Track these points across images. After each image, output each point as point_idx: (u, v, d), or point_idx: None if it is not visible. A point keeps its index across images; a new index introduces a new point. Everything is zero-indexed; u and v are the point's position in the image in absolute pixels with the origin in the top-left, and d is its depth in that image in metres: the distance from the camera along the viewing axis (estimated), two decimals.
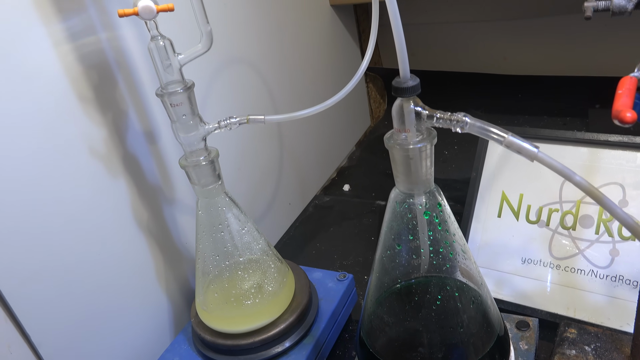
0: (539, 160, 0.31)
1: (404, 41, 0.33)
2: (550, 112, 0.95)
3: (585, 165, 0.57)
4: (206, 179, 0.47)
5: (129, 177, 0.51)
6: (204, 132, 0.46)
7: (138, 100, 0.51)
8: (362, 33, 0.99)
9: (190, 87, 0.44)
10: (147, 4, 0.39)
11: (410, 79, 0.34)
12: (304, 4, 0.79)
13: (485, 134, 0.33)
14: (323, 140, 0.88)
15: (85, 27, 0.46)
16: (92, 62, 0.46)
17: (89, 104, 0.46)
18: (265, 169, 0.73)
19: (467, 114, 0.34)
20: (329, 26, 0.88)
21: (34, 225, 0.42)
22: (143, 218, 0.53)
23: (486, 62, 0.99)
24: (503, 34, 0.96)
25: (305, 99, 0.81)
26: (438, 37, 1.01)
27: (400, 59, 0.33)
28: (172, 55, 0.43)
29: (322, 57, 0.86)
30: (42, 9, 0.42)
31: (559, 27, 0.90)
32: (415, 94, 0.34)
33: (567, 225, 0.56)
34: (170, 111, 0.44)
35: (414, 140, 0.35)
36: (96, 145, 0.47)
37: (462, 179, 0.80)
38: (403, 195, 0.37)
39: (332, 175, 0.92)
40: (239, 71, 0.66)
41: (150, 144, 0.53)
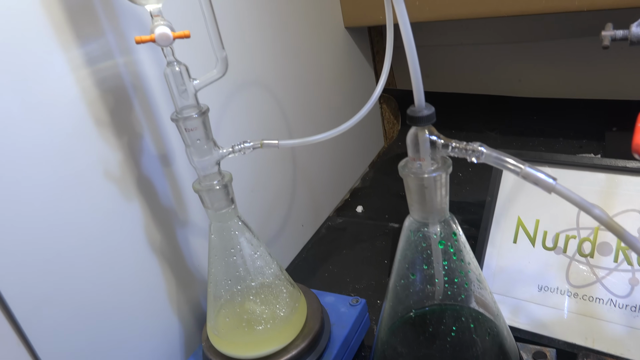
0: (556, 192, 0.30)
1: (419, 70, 0.33)
2: (566, 134, 0.94)
3: (602, 191, 0.56)
4: (219, 203, 0.47)
5: (143, 199, 0.51)
6: (217, 157, 0.46)
7: (153, 124, 0.51)
8: (377, 54, 0.99)
9: (204, 112, 0.44)
10: (164, 31, 0.40)
11: (425, 107, 0.34)
12: (318, 26, 0.80)
13: (501, 164, 0.32)
14: (336, 161, 0.88)
15: (103, 52, 0.46)
16: (109, 86, 0.47)
17: (105, 128, 0.47)
18: (278, 191, 0.73)
19: (482, 144, 0.33)
20: (343, 48, 0.88)
21: (48, 248, 0.43)
22: (156, 240, 0.53)
23: (501, 84, 0.99)
24: (518, 56, 0.95)
25: (319, 121, 0.81)
26: (453, 59, 1.01)
27: (415, 87, 0.33)
28: (188, 81, 0.43)
29: (336, 79, 0.86)
30: (62, 34, 0.43)
31: (575, 49, 0.90)
32: (431, 123, 0.34)
33: (584, 252, 0.55)
34: (185, 136, 0.44)
35: (428, 169, 0.35)
36: (111, 168, 0.48)
37: (477, 201, 0.79)
38: (417, 223, 0.37)
39: (345, 197, 0.92)
40: (253, 94, 0.66)
41: (164, 166, 0.53)
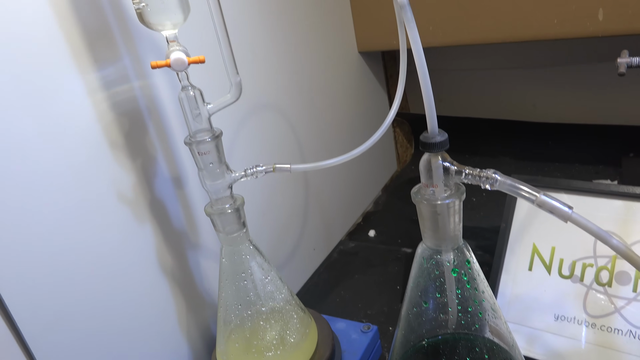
0: (572, 221, 0.30)
1: (432, 97, 0.33)
2: (581, 160, 0.93)
3: (620, 219, 0.55)
4: (231, 226, 0.47)
5: (155, 222, 0.51)
6: (230, 180, 0.46)
7: (167, 147, 0.52)
8: (390, 78, 1.00)
9: (218, 136, 0.44)
10: (179, 57, 0.40)
11: (438, 134, 0.34)
12: (332, 50, 0.81)
13: (516, 192, 0.32)
14: (349, 184, 0.87)
15: (119, 76, 0.47)
16: (124, 109, 0.47)
17: (119, 150, 0.47)
18: (290, 214, 0.73)
19: (497, 171, 0.33)
20: (357, 72, 0.89)
21: (60, 270, 0.43)
22: (167, 263, 0.53)
23: (515, 110, 0.98)
24: (532, 81, 0.95)
25: (332, 144, 0.81)
26: (466, 83, 1.01)
27: (428, 114, 0.33)
28: (202, 105, 0.43)
29: (349, 103, 0.86)
30: (80, 59, 0.43)
31: (590, 75, 0.89)
32: (444, 150, 0.34)
33: (602, 281, 0.54)
34: (198, 159, 0.44)
35: (441, 195, 0.34)
36: (125, 190, 0.48)
37: (491, 227, 0.78)
38: (430, 251, 0.37)
39: (357, 220, 0.92)
40: (266, 117, 0.66)
41: (177, 189, 0.53)
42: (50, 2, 0.41)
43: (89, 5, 0.43)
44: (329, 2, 0.79)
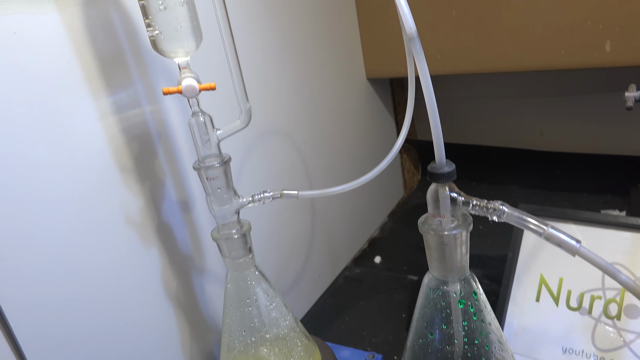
0: (580, 255, 0.29)
1: (440, 128, 0.33)
2: (589, 189, 0.92)
3: (628, 251, 0.54)
4: (237, 252, 0.47)
5: (162, 246, 0.51)
6: (237, 206, 0.46)
7: (175, 171, 0.52)
8: (398, 105, 1.01)
9: (226, 162, 0.44)
10: (191, 84, 0.41)
11: (446, 164, 0.34)
12: (341, 77, 0.81)
13: (523, 224, 0.32)
14: (355, 210, 0.87)
15: (131, 101, 0.48)
16: (134, 133, 0.48)
17: (128, 174, 0.48)
18: (296, 239, 0.73)
19: (504, 203, 0.33)
20: (365, 99, 0.89)
21: (65, 293, 0.43)
22: (172, 287, 0.53)
23: (522, 137, 0.99)
24: (540, 109, 0.96)
25: (339, 170, 0.81)
26: (474, 111, 1.02)
27: (436, 144, 0.33)
28: (211, 131, 0.44)
29: (357, 129, 0.87)
30: (93, 83, 0.44)
31: (598, 104, 0.89)
32: (451, 180, 0.34)
33: (611, 314, 0.53)
34: (206, 184, 0.45)
35: (448, 226, 0.34)
36: (132, 214, 0.48)
37: (497, 255, 0.78)
38: (437, 281, 0.36)
39: (363, 246, 0.91)
40: (274, 143, 0.67)
41: (184, 213, 0.53)
42: (67, 29, 0.41)
43: (104, 33, 0.44)
44: (339, 29, 0.80)
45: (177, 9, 0.39)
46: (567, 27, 0.69)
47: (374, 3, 0.82)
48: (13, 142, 0.39)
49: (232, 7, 0.56)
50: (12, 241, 0.39)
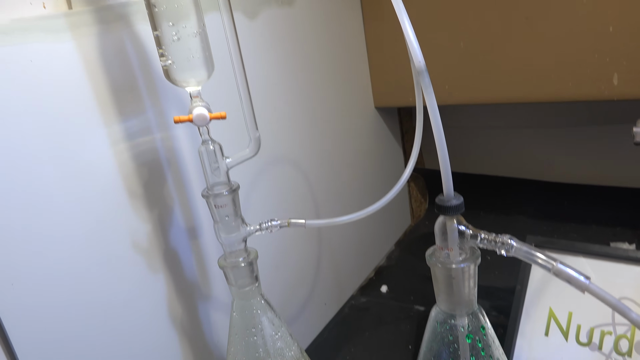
0: (590, 292, 0.29)
1: (448, 160, 0.33)
2: (598, 221, 0.92)
3: (638, 285, 0.54)
4: (243, 280, 0.47)
5: (169, 272, 0.51)
6: (245, 234, 0.46)
7: (184, 198, 0.53)
8: (406, 134, 1.01)
9: (235, 190, 0.45)
10: (202, 112, 0.41)
11: (454, 197, 0.34)
12: (349, 105, 0.82)
13: (532, 259, 0.32)
14: (362, 238, 0.87)
15: (142, 128, 0.48)
16: (144, 160, 0.48)
17: (137, 200, 0.48)
18: (302, 267, 0.73)
19: (512, 237, 0.33)
20: (373, 127, 0.90)
21: (71, 317, 0.43)
22: (177, 314, 0.52)
23: (530, 168, 0.99)
24: (548, 140, 0.96)
25: (347, 199, 0.81)
26: (482, 141, 1.02)
27: (444, 177, 0.33)
28: (221, 159, 0.44)
29: (364, 157, 0.87)
30: (106, 110, 0.45)
31: (607, 136, 0.89)
32: (459, 213, 0.34)
33: (621, 351, 0.52)
34: (214, 212, 0.45)
35: (456, 259, 0.34)
36: (140, 239, 0.48)
37: (506, 287, 0.77)
38: (444, 315, 0.36)
39: (369, 275, 0.91)
40: (282, 171, 0.67)
41: (191, 240, 0.54)
42: (82, 57, 0.42)
43: (118, 61, 0.45)
44: (348, 58, 0.81)
45: (190, 40, 0.40)
46: (574, 60, 0.69)
47: (383, 33, 0.83)
48: (24, 166, 0.39)
49: (243, 37, 0.57)
50: (20, 266, 0.39)
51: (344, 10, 0.78)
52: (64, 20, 0.41)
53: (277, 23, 0.64)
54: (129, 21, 0.46)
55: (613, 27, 0.65)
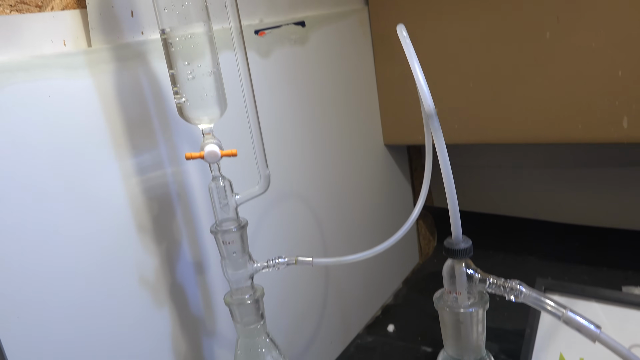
0: (601, 342, 0.29)
1: (457, 203, 0.33)
2: (610, 264, 0.90)
3: None
4: (249, 317, 0.46)
5: (174, 307, 0.51)
6: (252, 271, 0.46)
7: (192, 232, 0.53)
8: (415, 171, 1.01)
9: (243, 227, 0.45)
10: (213, 149, 0.42)
11: (462, 240, 0.34)
12: (359, 142, 0.83)
13: (541, 306, 0.31)
14: (369, 275, 0.86)
15: (154, 163, 0.49)
16: (155, 194, 0.49)
17: (146, 234, 0.48)
18: (308, 304, 0.72)
19: (522, 282, 0.33)
20: (382, 164, 0.90)
21: (76, 351, 0.42)
22: (181, 350, 0.52)
23: (540, 209, 0.98)
24: (558, 181, 0.95)
25: (355, 236, 0.81)
26: (492, 180, 1.02)
27: (452, 220, 0.33)
28: (230, 196, 0.45)
29: (373, 194, 0.87)
30: (119, 145, 0.46)
31: (618, 178, 0.89)
32: (468, 257, 0.34)
33: None
34: (222, 248, 0.45)
35: (465, 303, 0.34)
36: (147, 273, 0.48)
37: (515, 330, 0.75)
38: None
39: (376, 314, 0.89)
40: (290, 207, 0.67)
41: (198, 275, 0.53)
42: (99, 93, 0.43)
43: (133, 97, 0.46)
44: (358, 96, 0.82)
45: (204, 79, 0.41)
46: (584, 102, 0.70)
47: (394, 72, 0.84)
48: (36, 199, 0.40)
49: (256, 74, 0.59)
50: (25, 299, 0.39)
51: (355, 50, 0.80)
52: (83, 58, 0.42)
53: (289, 61, 0.65)
54: (145, 59, 0.47)
55: (622, 72, 0.66)
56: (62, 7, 0.42)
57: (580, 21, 0.66)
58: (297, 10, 0.67)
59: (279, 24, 0.63)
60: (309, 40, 0.68)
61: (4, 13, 0.38)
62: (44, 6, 0.40)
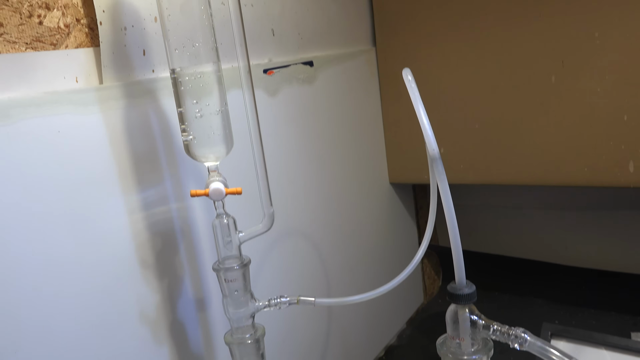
0: None
1: (460, 247, 0.33)
2: (618, 308, 0.89)
3: None
4: (249, 357, 0.46)
5: (173, 344, 0.50)
6: (253, 309, 0.46)
7: (195, 269, 0.52)
8: (420, 209, 1.01)
9: (246, 265, 0.45)
10: (218, 187, 0.42)
11: (466, 285, 0.33)
12: (364, 180, 0.83)
13: (547, 355, 0.31)
14: (372, 315, 0.85)
15: (159, 198, 0.49)
16: (159, 229, 0.49)
17: (148, 269, 0.48)
18: (310, 343, 0.71)
19: (526, 330, 0.32)
20: (387, 202, 0.90)
21: None
22: None
23: (546, 250, 0.97)
24: (565, 223, 0.95)
25: (358, 274, 0.80)
26: (497, 220, 1.01)
27: (456, 264, 0.33)
28: (234, 233, 0.44)
29: (378, 232, 0.87)
30: (125, 180, 0.46)
31: (627, 221, 0.88)
32: (472, 302, 0.33)
33: None
34: (224, 286, 0.45)
35: (468, 350, 0.33)
36: (148, 309, 0.48)
37: None
38: None
39: (379, 354, 0.88)
40: (294, 245, 0.67)
41: (199, 312, 0.53)
42: (107, 129, 0.44)
43: (141, 133, 0.47)
44: (364, 134, 0.82)
45: (212, 118, 0.42)
46: (590, 146, 0.70)
47: (400, 112, 0.85)
48: (41, 232, 0.40)
49: (264, 112, 0.59)
50: (25, 334, 0.39)
51: (362, 89, 0.81)
52: (93, 94, 0.43)
53: (297, 100, 0.66)
54: (155, 96, 0.48)
55: (628, 116, 0.66)
56: (76, 45, 0.43)
57: (586, 66, 0.67)
58: (305, 50, 0.68)
59: (288, 64, 0.64)
60: (316, 79, 0.69)
61: (20, 50, 0.39)
62: (59, 44, 0.42)
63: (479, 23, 0.73)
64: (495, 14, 0.72)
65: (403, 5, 0.79)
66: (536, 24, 0.69)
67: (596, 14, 0.65)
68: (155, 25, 0.48)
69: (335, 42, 0.75)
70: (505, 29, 0.72)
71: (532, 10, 0.69)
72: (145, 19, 0.47)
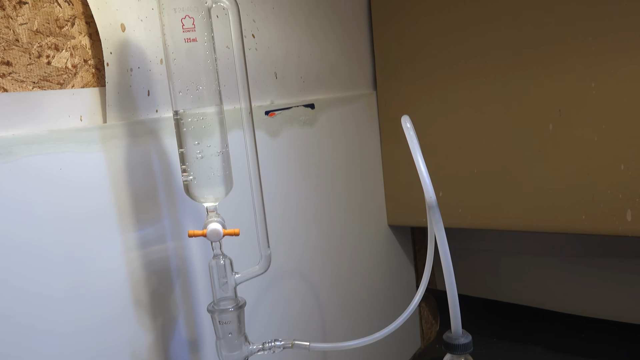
0: None
1: (457, 296, 0.33)
2: (618, 357, 0.87)
3: None
4: None
5: None
6: (247, 353, 0.45)
7: (189, 309, 0.52)
8: (418, 252, 1.01)
9: (241, 307, 0.44)
10: (216, 228, 0.42)
11: (462, 335, 0.33)
12: (363, 222, 0.83)
13: None
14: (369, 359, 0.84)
15: (157, 236, 0.49)
16: (155, 268, 0.49)
17: (142, 309, 0.48)
18: None
19: None
20: (385, 244, 0.90)
21: None
22: None
23: (545, 298, 0.96)
24: (563, 270, 0.94)
25: (355, 317, 0.79)
26: (495, 265, 1.01)
27: (452, 313, 0.33)
28: (230, 274, 0.44)
29: (375, 275, 0.86)
30: (123, 218, 0.46)
31: (625, 269, 0.88)
32: (468, 352, 0.33)
33: None
34: (218, 328, 0.44)
35: None
36: (140, 350, 0.47)
37: None
38: None
39: None
40: (290, 286, 0.67)
41: (192, 353, 0.52)
42: (109, 167, 0.44)
43: (142, 172, 0.47)
44: (364, 177, 0.83)
45: (212, 159, 0.42)
46: (588, 194, 0.70)
47: (400, 155, 0.86)
48: (36, 270, 0.40)
49: (264, 153, 0.60)
50: None
51: (362, 132, 0.82)
52: (97, 133, 0.44)
53: (297, 141, 0.67)
54: (157, 135, 0.49)
55: (624, 165, 0.67)
56: (83, 85, 0.44)
57: (582, 115, 0.68)
58: (307, 93, 0.69)
59: (290, 106, 0.65)
60: (317, 122, 0.70)
61: (27, 89, 0.40)
62: (66, 84, 0.42)
63: (478, 70, 0.75)
64: (494, 62, 0.73)
65: (404, 52, 0.81)
66: (534, 73, 0.71)
67: (593, 65, 0.67)
68: (161, 66, 0.49)
69: (336, 86, 0.76)
70: (504, 77, 0.73)
71: (530, 59, 0.71)
72: (151, 60, 0.48)
